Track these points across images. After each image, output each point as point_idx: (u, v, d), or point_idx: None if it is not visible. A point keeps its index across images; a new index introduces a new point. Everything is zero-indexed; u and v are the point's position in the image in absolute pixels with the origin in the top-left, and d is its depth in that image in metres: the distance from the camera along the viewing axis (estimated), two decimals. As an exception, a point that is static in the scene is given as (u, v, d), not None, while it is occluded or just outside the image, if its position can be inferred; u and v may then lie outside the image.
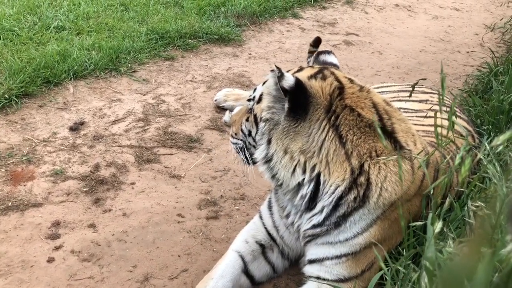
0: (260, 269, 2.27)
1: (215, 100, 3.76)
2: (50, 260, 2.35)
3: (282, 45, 5.11)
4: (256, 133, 2.06)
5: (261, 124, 2.00)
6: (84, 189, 2.81)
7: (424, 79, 2.57)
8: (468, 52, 5.39)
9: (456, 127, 2.31)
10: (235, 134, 2.24)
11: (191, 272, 2.34)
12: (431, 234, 1.56)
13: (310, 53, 3.17)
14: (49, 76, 3.76)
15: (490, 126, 2.98)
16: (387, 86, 3.22)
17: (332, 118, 1.89)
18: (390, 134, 1.92)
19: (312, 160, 1.90)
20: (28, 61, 3.81)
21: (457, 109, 2.82)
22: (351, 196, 1.88)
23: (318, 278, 1.99)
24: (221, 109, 3.73)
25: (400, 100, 2.82)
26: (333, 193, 1.89)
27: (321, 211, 1.94)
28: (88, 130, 3.35)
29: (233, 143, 2.27)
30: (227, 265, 2.17)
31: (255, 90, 2.15)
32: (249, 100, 2.16)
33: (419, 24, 6.18)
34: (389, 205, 1.88)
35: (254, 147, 2.12)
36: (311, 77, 1.96)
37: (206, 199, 2.83)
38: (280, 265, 2.31)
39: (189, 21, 5.01)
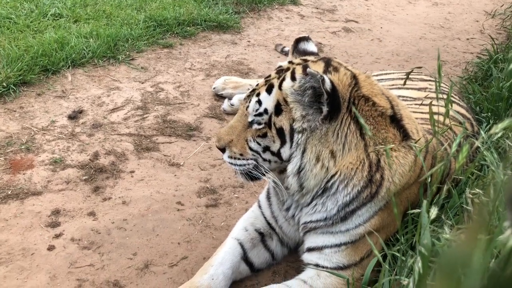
0: (259, 257, 2.28)
1: (214, 88, 3.75)
2: (51, 248, 2.36)
3: (281, 32, 5.08)
4: (281, 147, 1.90)
5: (297, 136, 1.86)
6: (84, 178, 2.82)
7: (420, 67, 2.56)
8: (468, 39, 5.36)
9: (455, 114, 2.31)
10: (241, 155, 2.00)
11: (191, 260, 2.36)
12: (426, 221, 1.57)
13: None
14: (47, 64, 3.74)
15: (489, 114, 2.98)
16: (386, 74, 3.22)
17: (353, 109, 1.86)
18: (398, 122, 1.93)
19: (338, 161, 1.87)
20: (26, 49, 3.79)
21: (456, 97, 2.82)
22: (365, 194, 1.89)
23: (317, 265, 2.01)
24: (219, 97, 3.72)
25: (399, 88, 2.82)
26: (349, 193, 1.89)
27: (332, 208, 1.94)
28: (86, 118, 3.35)
29: (239, 165, 2.02)
30: (227, 252, 2.18)
31: (259, 102, 1.94)
32: (258, 114, 1.94)
33: (419, 11, 6.14)
34: (393, 195, 1.90)
35: (270, 161, 1.98)
36: (325, 72, 1.89)
37: (206, 187, 2.84)
38: (279, 253, 2.32)
39: (187, 8, 4.98)
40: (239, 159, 2.01)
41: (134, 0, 5.04)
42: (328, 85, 1.75)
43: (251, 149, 1.98)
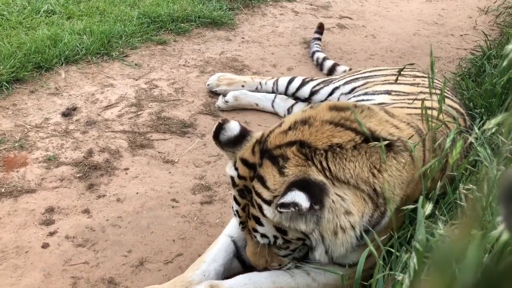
0: None
1: (208, 85, 3.75)
2: (45, 245, 2.35)
3: (275, 28, 5.07)
4: (305, 241, 1.87)
5: (312, 236, 1.81)
6: (78, 175, 2.81)
7: (413, 63, 2.57)
8: (461, 35, 5.38)
9: (448, 109, 2.32)
10: (279, 265, 2.05)
11: (185, 256, 2.36)
12: (421, 217, 1.57)
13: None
14: (40, 61, 3.72)
15: (483, 110, 3.00)
16: (379, 70, 3.22)
17: (326, 174, 1.78)
18: (373, 137, 1.85)
19: (354, 213, 1.81)
20: (19, 46, 3.76)
21: (449, 92, 2.83)
22: (375, 216, 1.86)
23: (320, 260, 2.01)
24: (214, 93, 3.71)
25: (391, 83, 2.83)
26: (364, 223, 1.85)
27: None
28: (80, 115, 3.33)
29: (288, 269, 2.06)
30: (220, 249, 2.18)
31: (264, 235, 1.89)
32: (273, 243, 1.90)
33: (413, 7, 6.15)
34: (400, 201, 1.90)
35: (301, 250, 1.97)
36: (280, 171, 1.78)
37: (200, 184, 2.84)
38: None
39: (181, 4, 4.96)
40: (282, 267, 2.05)
41: (128, -3, 5.01)
42: (304, 202, 1.66)
43: (285, 256, 2.00)
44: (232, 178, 1.96)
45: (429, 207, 1.57)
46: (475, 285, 0.52)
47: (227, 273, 2.19)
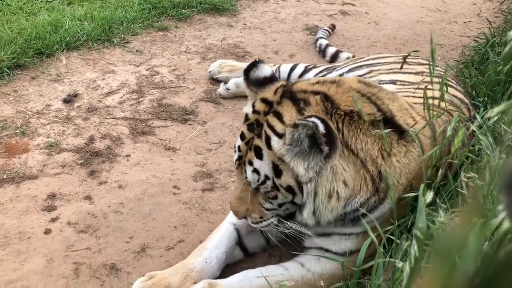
0: (254, 242, 2.29)
1: (209, 72, 3.73)
2: (47, 231, 2.37)
3: (277, 15, 5.04)
4: (293, 198, 1.85)
5: (306, 187, 1.80)
6: (79, 161, 2.81)
7: (417, 50, 2.55)
8: (465, 22, 5.33)
9: (451, 98, 2.31)
10: (261, 218, 1.99)
11: (187, 243, 2.37)
12: (422, 205, 1.57)
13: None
14: (41, 47, 3.70)
15: (486, 98, 2.98)
16: (383, 57, 3.20)
17: (340, 136, 1.77)
18: (391, 121, 1.86)
19: (349, 187, 1.82)
20: (19, 31, 3.75)
21: (453, 81, 2.81)
22: (372, 200, 1.87)
23: (320, 248, 2.01)
24: (215, 80, 3.70)
25: (396, 72, 2.81)
26: (356, 202, 1.86)
27: (339, 217, 1.92)
28: (82, 102, 3.33)
29: (265, 226, 2.01)
30: (222, 236, 2.19)
31: (256, 171, 1.86)
32: (262, 183, 1.86)
33: (417, -7, 6.08)
34: (403, 190, 1.90)
35: (288, 208, 1.94)
36: (299, 111, 1.79)
37: (202, 171, 2.84)
38: (276, 238, 2.33)
39: (182, -10, 4.92)
40: (261, 222, 1.99)
41: (129, -18, 4.97)
42: (322, 128, 1.66)
43: (267, 209, 1.95)
44: (246, 115, 1.96)
45: (430, 195, 1.57)
46: (475, 273, 0.52)
47: (229, 261, 2.20)
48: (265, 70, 2.03)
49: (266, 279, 1.91)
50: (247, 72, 2.04)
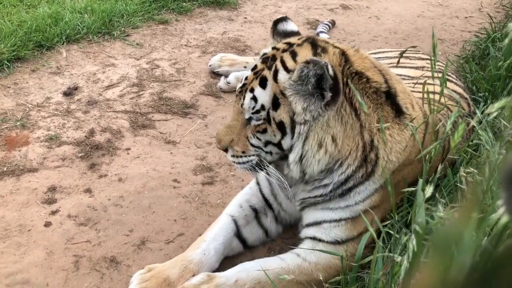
0: (253, 233, 2.30)
1: (210, 65, 3.73)
2: (47, 224, 2.37)
3: (278, 8, 5.02)
4: (282, 139, 1.87)
5: (298, 127, 1.82)
6: (80, 155, 2.81)
7: (415, 46, 2.54)
8: (466, 17, 5.32)
9: (451, 93, 2.31)
10: (243, 152, 1.98)
11: (187, 236, 2.38)
12: (421, 199, 1.58)
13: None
14: (41, 39, 3.69)
15: (486, 93, 2.98)
16: (383, 52, 3.20)
17: (347, 91, 1.84)
18: (393, 98, 1.92)
19: (339, 144, 1.85)
20: (19, 24, 3.74)
21: (453, 76, 2.81)
22: (360, 173, 1.91)
23: (314, 238, 2.03)
24: (216, 74, 3.69)
25: (396, 67, 2.80)
26: (343, 172, 1.91)
27: (327, 185, 1.95)
28: (82, 95, 3.32)
29: (243, 163, 2.00)
30: (220, 228, 2.20)
31: (254, 98, 1.87)
32: (256, 112, 1.88)
33: (418, -12, 6.06)
34: (392, 173, 1.91)
35: (271, 153, 1.95)
36: (315, 55, 1.85)
37: (202, 164, 2.84)
38: (274, 230, 2.34)
39: (183, -17, 4.90)
40: (241, 156, 1.99)
41: (129, -25, 4.95)
42: (331, 71, 1.72)
43: (252, 145, 1.95)
44: (264, 53, 2.01)
45: (429, 190, 1.58)
46: (473, 267, 0.53)
47: (227, 252, 2.21)
48: (292, 26, 2.18)
49: (264, 272, 1.92)
50: (276, 23, 2.18)
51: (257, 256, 2.29)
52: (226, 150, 2.02)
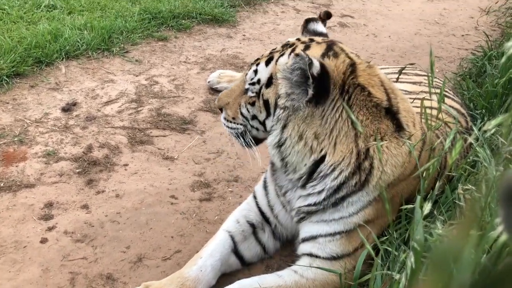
0: (250, 249, 2.28)
1: (209, 82, 3.74)
2: (43, 240, 2.35)
3: (276, 26, 5.07)
4: (266, 118, 2.00)
5: (278, 111, 1.92)
6: (77, 170, 2.81)
7: (413, 63, 2.57)
8: (463, 35, 5.37)
9: (448, 109, 2.32)
10: (233, 118, 2.13)
11: (184, 253, 2.36)
12: (419, 217, 1.57)
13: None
14: (40, 56, 3.71)
15: (484, 110, 3.00)
16: (381, 69, 3.22)
17: (346, 98, 1.88)
18: (394, 114, 1.94)
19: (323, 142, 1.90)
20: (19, 40, 3.76)
21: (450, 92, 2.83)
22: (353, 181, 1.91)
23: (310, 254, 2.01)
24: (214, 90, 3.71)
25: (394, 82, 2.82)
26: (336, 178, 1.91)
27: (321, 192, 1.96)
28: (80, 111, 3.33)
29: (231, 128, 2.15)
30: (217, 244, 2.18)
31: (255, 71, 2.03)
32: (252, 83, 2.02)
33: (414, 6, 6.14)
34: (386, 186, 1.91)
35: (258, 129, 2.08)
36: (324, 56, 1.92)
37: (200, 181, 2.84)
38: (271, 246, 2.33)
39: (182, 1, 4.95)
40: (231, 122, 2.14)
41: (129, -8, 5.00)
42: (315, 69, 1.78)
43: (242, 114, 2.09)
44: (288, 40, 2.14)
45: (427, 207, 1.57)
46: (473, 285, 0.52)
47: (224, 269, 2.19)
48: (322, 28, 2.33)
49: (260, 285, 1.91)
50: (307, 21, 2.32)
51: (254, 273, 2.27)
52: (221, 111, 2.19)
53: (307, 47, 1.98)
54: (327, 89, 1.84)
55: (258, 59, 2.09)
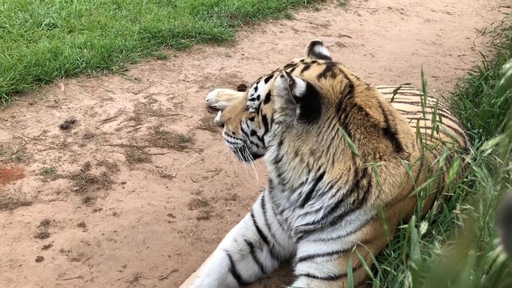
0: (248, 269, 2.26)
1: (207, 100, 3.76)
2: (39, 259, 2.33)
3: (275, 46, 5.11)
4: (265, 133, 2.03)
5: (274, 126, 1.97)
6: (74, 188, 2.80)
7: (408, 83, 2.60)
8: (459, 55, 5.43)
9: (446, 129, 2.33)
10: (233, 133, 2.19)
11: (181, 273, 2.34)
12: (415, 236, 1.57)
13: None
14: (40, 73, 3.73)
15: (481, 130, 3.01)
16: (379, 88, 3.24)
17: (342, 116, 1.90)
18: (392, 135, 1.95)
19: (320, 160, 1.91)
20: (19, 58, 3.78)
21: (448, 112, 2.84)
22: (351, 199, 1.91)
23: (308, 275, 2.00)
24: (213, 109, 3.72)
25: (392, 102, 2.84)
26: (334, 195, 1.91)
27: (319, 210, 1.95)
28: (79, 128, 3.33)
29: (231, 143, 2.21)
30: (214, 263, 2.17)
31: (256, 88, 2.09)
32: (252, 99, 2.09)
33: (411, 27, 6.21)
34: (384, 206, 1.90)
35: (257, 145, 2.12)
36: (321, 76, 1.94)
37: (197, 199, 2.83)
38: (269, 265, 2.31)
39: (182, 20, 5.00)
40: (231, 136, 2.20)
41: (129, 12, 5.06)
42: (299, 89, 1.82)
43: (242, 130, 2.14)
44: (292, 61, 2.20)
45: (424, 227, 1.56)
46: (471, 306, 0.52)
47: None
48: (325, 51, 2.36)
49: None
50: (313, 44, 2.37)
51: (252, 293, 2.25)
52: (223, 126, 2.26)
53: (306, 68, 2.02)
54: (317, 108, 1.87)
55: (261, 77, 2.15)
